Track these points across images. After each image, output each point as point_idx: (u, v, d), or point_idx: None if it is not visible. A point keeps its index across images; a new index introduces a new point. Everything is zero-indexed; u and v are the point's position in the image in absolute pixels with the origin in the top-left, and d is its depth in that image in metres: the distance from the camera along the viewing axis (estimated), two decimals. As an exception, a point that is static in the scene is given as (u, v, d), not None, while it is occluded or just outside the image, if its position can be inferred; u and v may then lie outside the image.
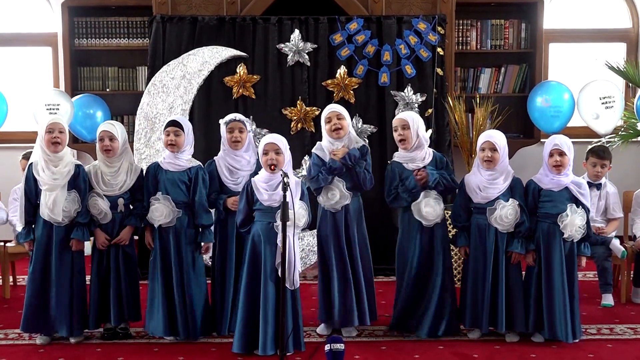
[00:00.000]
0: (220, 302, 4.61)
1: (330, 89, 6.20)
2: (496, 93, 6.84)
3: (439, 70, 6.21)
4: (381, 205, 6.03)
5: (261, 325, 4.16)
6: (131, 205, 4.60)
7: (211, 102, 6.18)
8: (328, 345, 3.96)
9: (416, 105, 6.14)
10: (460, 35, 6.80)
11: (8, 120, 6.55)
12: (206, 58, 6.12)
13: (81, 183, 4.44)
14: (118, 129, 4.50)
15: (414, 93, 6.17)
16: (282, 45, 6.17)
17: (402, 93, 6.17)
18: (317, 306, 4.68)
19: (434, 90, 6.20)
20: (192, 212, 4.50)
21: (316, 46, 6.19)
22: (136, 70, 6.87)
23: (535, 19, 6.78)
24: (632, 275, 5.35)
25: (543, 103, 6.48)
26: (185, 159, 4.51)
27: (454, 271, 5.59)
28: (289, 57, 6.18)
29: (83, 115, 6.47)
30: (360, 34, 6.17)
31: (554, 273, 4.42)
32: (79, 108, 6.44)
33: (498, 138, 4.48)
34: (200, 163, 4.59)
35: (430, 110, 6.15)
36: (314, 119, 6.14)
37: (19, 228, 5.45)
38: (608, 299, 5.24)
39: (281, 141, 4.25)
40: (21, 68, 7.30)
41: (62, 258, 4.43)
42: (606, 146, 5.68)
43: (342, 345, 3.97)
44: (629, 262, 5.34)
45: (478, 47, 6.88)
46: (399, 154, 4.63)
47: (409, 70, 6.17)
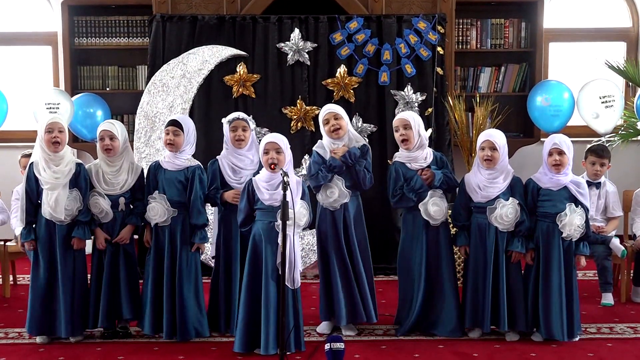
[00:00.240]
0: (224, 301, 4.60)
1: (330, 88, 6.20)
2: (496, 92, 6.84)
3: (439, 69, 6.21)
4: (381, 205, 6.06)
5: (262, 324, 4.15)
6: (132, 204, 4.60)
7: (211, 101, 6.18)
8: (328, 344, 3.96)
9: (416, 104, 6.15)
10: (460, 34, 6.80)
11: (8, 119, 6.55)
12: (206, 57, 6.12)
13: (82, 182, 4.44)
14: (118, 128, 4.50)
15: (414, 92, 6.17)
16: (282, 44, 6.17)
17: (402, 92, 6.17)
18: (318, 305, 4.68)
19: (434, 89, 6.20)
20: (188, 212, 4.50)
21: (316, 45, 6.19)
22: (136, 69, 6.87)
23: (535, 18, 6.78)
24: (632, 274, 5.36)
25: (543, 102, 6.48)
26: (184, 159, 4.51)
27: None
28: (289, 56, 6.18)
29: (83, 114, 6.47)
30: (360, 33, 6.18)
31: (552, 272, 4.42)
32: (79, 107, 6.44)
33: (498, 137, 4.48)
34: (199, 163, 4.57)
35: (430, 109, 6.15)
36: (314, 118, 6.14)
37: (17, 231, 5.47)
38: (608, 298, 5.24)
39: (282, 140, 4.25)
40: (21, 67, 7.30)
41: (65, 257, 4.42)
42: (605, 145, 5.67)
43: (342, 344, 3.97)
44: (629, 261, 5.34)
45: (478, 47, 6.88)
46: (401, 154, 4.62)
47: (409, 69, 6.18)
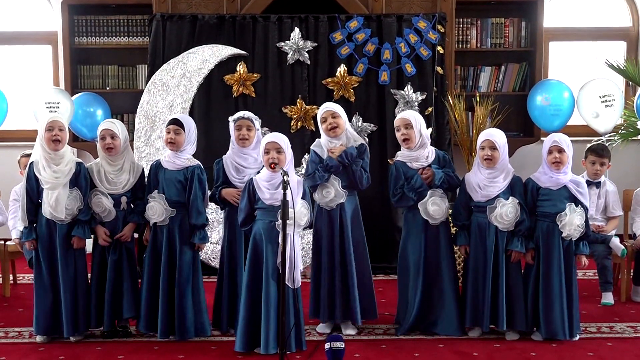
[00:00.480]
0: (227, 299, 4.59)
1: (330, 88, 6.20)
2: (496, 91, 6.84)
3: (439, 68, 6.21)
4: (381, 204, 6.06)
5: (263, 324, 4.15)
6: (132, 203, 4.60)
7: (211, 101, 6.18)
8: (328, 343, 3.96)
9: (416, 103, 6.15)
10: (460, 33, 6.80)
11: (8, 118, 6.55)
12: (206, 56, 6.11)
13: (82, 181, 4.44)
14: (119, 127, 4.50)
15: (414, 91, 6.17)
16: (282, 43, 6.17)
17: (402, 91, 6.17)
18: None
19: (434, 88, 6.20)
20: (187, 212, 4.49)
21: (316, 44, 6.19)
22: (136, 68, 6.87)
23: (535, 18, 6.78)
24: (632, 273, 5.36)
25: (543, 102, 6.48)
26: (184, 158, 4.50)
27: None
28: (289, 56, 6.18)
29: (83, 113, 6.47)
30: (360, 33, 6.18)
31: (553, 272, 4.42)
32: (79, 106, 6.44)
33: (498, 137, 4.48)
34: (198, 163, 4.56)
35: (430, 108, 6.15)
36: (314, 118, 6.11)
37: (14, 233, 5.47)
38: (608, 298, 5.24)
39: (283, 140, 4.24)
40: (21, 66, 7.31)
41: (66, 256, 4.42)
42: (605, 144, 5.68)
43: (342, 343, 3.97)
44: (629, 261, 5.34)
45: (478, 46, 6.88)
46: (402, 154, 4.62)
47: (409, 68, 6.18)
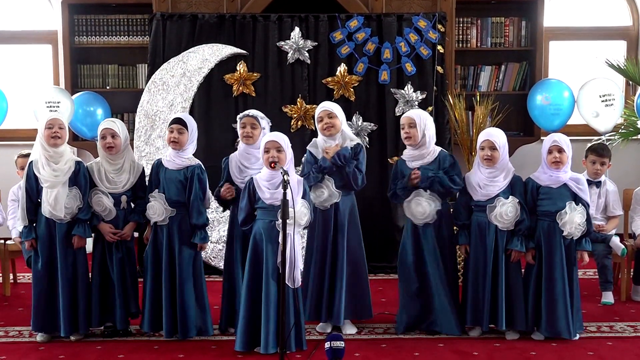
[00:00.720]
0: (232, 300, 4.60)
1: (330, 87, 6.19)
2: (496, 91, 6.84)
3: (439, 68, 6.20)
4: (381, 204, 6.07)
5: (263, 323, 4.15)
6: (132, 202, 4.60)
7: (211, 100, 6.18)
8: (328, 342, 3.96)
9: (416, 103, 6.14)
10: (460, 33, 6.80)
11: (8, 117, 6.55)
12: (206, 56, 6.11)
13: (82, 179, 4.44)
14: (119, 126, 4.50)
15: (414, 91, 6.16)
16: (282, 43, 6.17)
17: (402, 91, 6.16)
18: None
19: (434, 88, 6.19)
20: (188, 212, 4.49)
21: (316, 44, 6.18)
22: (136, 67, 6.87)
23: (535, 17, 6.78)
24: (632, 273, 5.36)
25: (543, 101, 6.48)
26: (185, 158, 4.50)
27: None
28: (289, 55, 6.17)
29: (83, 112, 6.47)
30: (360, 32, 6.17)
31: (555, 271, 4.42)
32: (79, 105, 6.44)
33: (498, 137, 4.48)
34: (199, 162, 4.56)
35: (430, 108, 6.15)
36: (314, 117, 6.12)
37: (14, 232, 5.47)
38: (608, 297, 5.24)
39: (282, 139, 4.24)
40: (21, 66, 7.31)
41: (66, 255, 4.42)
42: (605, 144, 5.67)
43: (342, 343, 3.97)
44: (629, 260, 5.34)
45: (478, 45, 6.88)
46: (406, 152, 4.64)
47: (409, 68, 6.17)
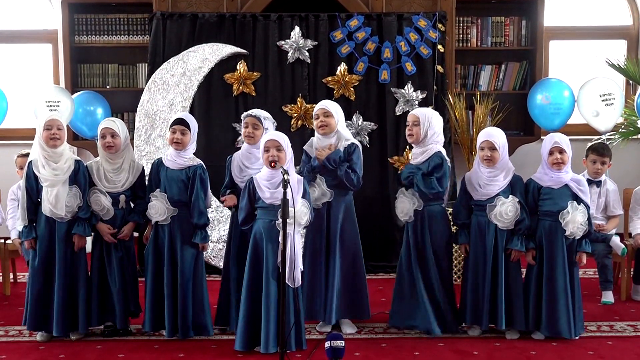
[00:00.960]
0: (227, 299, 4.61)
1: (330, 86, 6.19)
2: (496, 90, 6.84)
3: (439, 67, 6.20)
4: (381, 204, 6.08)
5: (263, 323, 4.15)
6: (132, 202, 4.60)
7: (211, 99, 6.18)
8: (328, 342, 3.95)
9: (416, 102, 6.14)
10: (460, 32, 6.80)
11: (8, 117, 6.54)
12: (206, 55, 6.11)
13: (81, 178, 4.44)
14: (119, 126, 4.50)
15: (414, 90, 6.16)
16: (283, 42, 6.17)
17: (403, 90, 6.16)
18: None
19: (434, 87, 6.19)
20: (189, 211, 4.49)
21: (316, 43, 6.18)
22: (136, 67, 6.87)
23: (535, 16, 6.78)
24: (632, 272, 5.36)
25: (543, 100, 6.48)
26: (187, 157, 4.50)
27: (454, 268, 5.61)
28: (289, 54, 6.17)
29: (83, 112, 6.46)
30: (360, 31, 6.17)
31: (557, 270, 4.41)
32: (79, 105, 6.43)
33: (497, 137, 4.47)
34: (201, 162, 4.56)
35: (430, 107, 6.14)
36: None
37: (13, 233, 5.46)
38: (608, 297, 5.24)
39: (282, 138, 4.24)
40: (21, 65, 7.30)
41: (65, 254, 4.42)
42: (606, 143, 5.67)
43: (342, 342, 3.97)
44: (629, 260, 5.34)
45: (478, 45, 6.88)
46: (413, 150, 4.68)
47: (409, 67, 6.17)
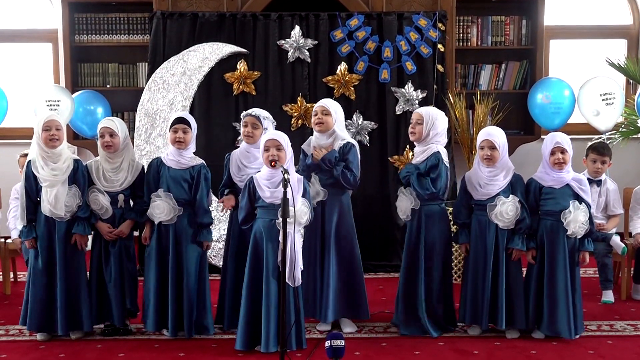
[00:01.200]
0: (223, 298, 4.62)
1: (330, 86, 6.19)
2: (497, 90, 6.83)
3: (440, 66, 6.20)
4: (381, 203, 6.08)
5: (263, 322, 4.16)
6: (131, 201, 4.60)
7: (211, 99, 6.18)
8: (328, 341, 3.95)
9: (416, 102, 6.14)
10: (460, 31, 6.80)
11: (8, 116, 6.54)
12: (206, 54, 6.11)
13: (80, 178, 4.44)
14: (118, 125, 4.50)
15: (415, 89, 6.16)
16: (283, 41, 6.17)
17: (403, 89, 6.16)
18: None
19: (435, 86, 6.19)
20: (193, 210, 4.50)
21: (317, 42, 6.18)
22: (136, 66, 6.86)
23: (535, 16, 6.78)
24: (633, 271, 5.36)
25: (543, 100, 6.47)
26: (189, 157, 4.51)
27: (454, 268, 5.62)
28: (290, 54, 6.17)
29: (84, 111, 6.46)
30: (360, 31, 6.17)
31: (558, 270, 4.41)
32: (80, 104, 6.43)
33: (497, 136, 4.47)
34: (203, 161, 4.57)
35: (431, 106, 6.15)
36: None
37: (14, 233, 5.45)
38: (608, 296, 5.24)
39: (282, 138, 4.24)
40: (22, 64, 7.30)
41: (65, 254, 4.42)
42: (606, 142, 5.67)
43: (343, 341, 3.96)
44: (629, 259, 5.34)
45: (479, 44, 6.88)
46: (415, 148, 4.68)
47: (410, 66, 6.17)
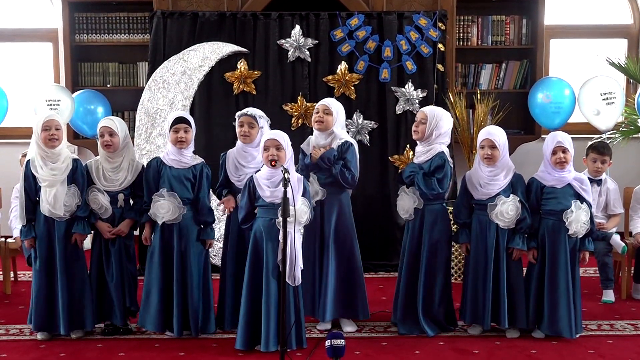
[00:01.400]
0: (222, 298, 4.62)
1: (331, 85, 6.19)
2: (497, 89, 6.83)
3: (440, 66, 6.20)
4: (381, 202, 6.08)
5: (263, 321, 4.16)
6: (131, 200, 4.61)
7: (212, 98, 6.18)
8: (328, 341, 3.95)
9: (417, 101, 6.14)
10: (461, 31, 6.79)
11: (9, 116, 6.54)
12: (207, 54, 6.11)
13: (79, 177, 4.44)
14: (118, 125, 4.50)
15: (415, 89, 6.16)
16: (283, 41, 6.17)
17: (403, 89, 6.16)
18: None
19: (435, 86, 6.19)
20: (196, 209, 4.51)
21: (317, 42, 6.18)
22: (137, 66, 6.86)
23: (536, 15, 6.77)
24: (633, 271, 5.36)
25: (544, 99, 6.47)
26: (189, 156, 4.51)
27: (455, 267, 5.62)
28: (290, 53, 6.17)
29: (84, 110, 6.46)
30: (361, 30, 6.17)
31: (559, 269, 4.41)
32: (80, 104, 6.43)
33: (498, 135, 4.47)
34: (203, 160, 4.58)
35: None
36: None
37: (16, 232, 5.45)
38: (609, 295, 5.24)
39: (282, 137, 4.24)
40: (22, 64, 7.29)
41: (65, 253, 4.43)
42: (606, 142, 5.66)
43: (343, 341, 3.96)
44: (630, 258, 5.34)
45: (479, 43, 6.87)
46: (417, 147, 4.67)
47: (410, 66, 6.17)
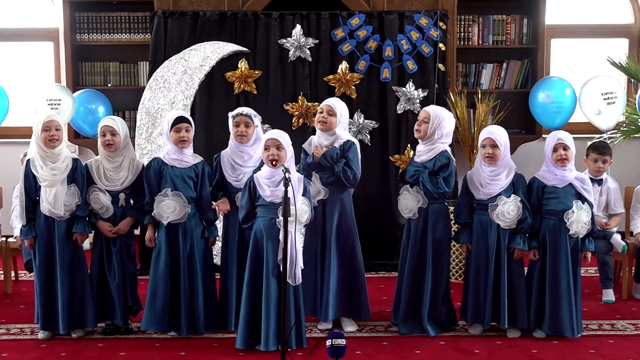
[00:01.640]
0: (224, 298, 4.62)
1: (331, 85, 6.19)
2: (498, 89, 6.83)
3: (441, 65, 6.20)
4: (382, 202, 6.07)
5: (263, 321, 4.16)
6: (132, 199, 4.61)
7: (212, 98, 6.18)
8: (329, 340, 3.95)
9: (418, 101, 6.14)
10: (462, 30, 6.79)
11: (9, 115, 6.54)
12: (208, 53, 6.11)
13: (79, 177, 4.44)
14: (119, 124, 4.50)
15: (416, 89, 6.16)
16: (284, 40, 6.17)
17: (404, 88, 6.16)
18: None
19: (436, 85, 6.19)
20: (200, 207, 4.53)
21: (318, 41, 6.18)
22: (137, 65, 6.86)
23: (537, 15, 6.77)
24: (634, 271, 5.35)
25: (545, 99, 6.47)
26: (190, 155, 4.52)
27: (456, 267, 5.62)
28: (291, 53, 6.17)
29: (85, 110, 6.47)
30: (361, 30, 6.17)
31: (560, 269, 4.41)
32: (81, 103, 6.44)
33: (499, 134, 4.47)
34: (202, 158, 4.59)
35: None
36: (316, 115, 6.13)
37: (17, 231, 5.46)
38: (609, 295, 5.24)
39: (283, 137, 4.24)
40: (23, 63, 7.30)
41: (64, 253, 4.43)
42: (606, 142, 5.66)
43: (344, 340, 3.96)
44: (630, 258, 5.34)
45: (480, 43, 6.87)
46: (418, 146, 4.66)
47: (411, 65, 6.17)
